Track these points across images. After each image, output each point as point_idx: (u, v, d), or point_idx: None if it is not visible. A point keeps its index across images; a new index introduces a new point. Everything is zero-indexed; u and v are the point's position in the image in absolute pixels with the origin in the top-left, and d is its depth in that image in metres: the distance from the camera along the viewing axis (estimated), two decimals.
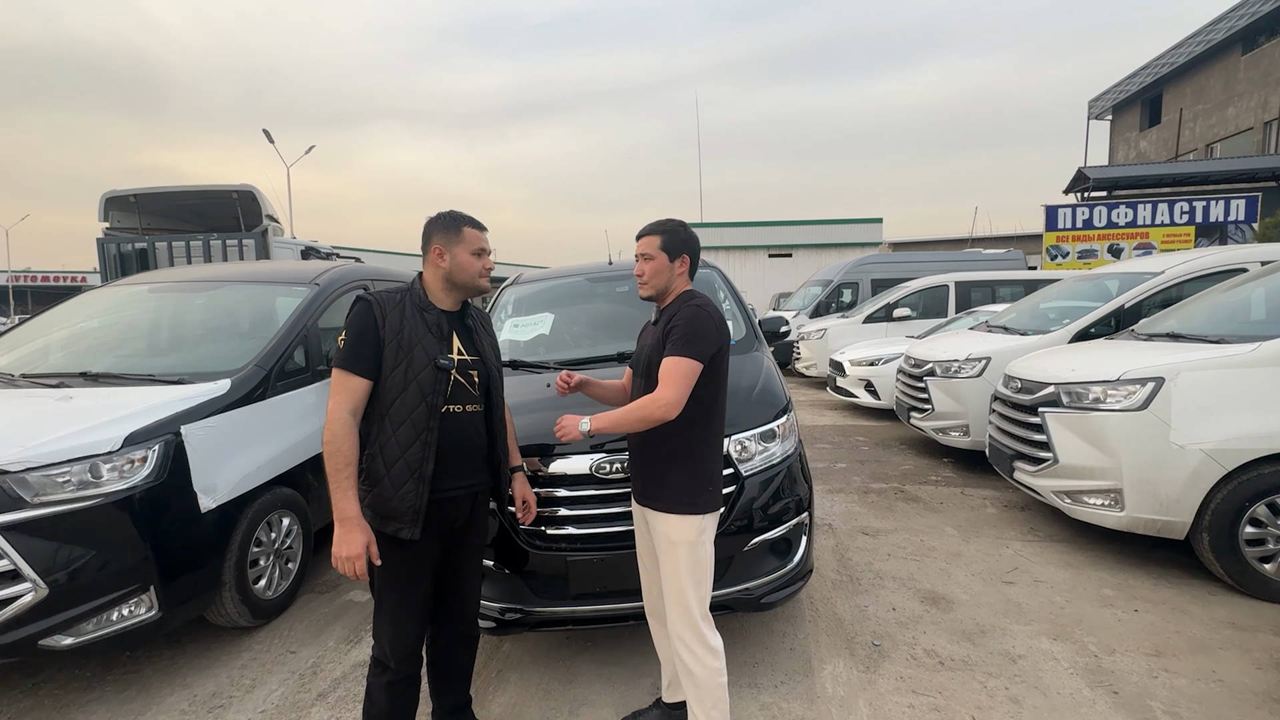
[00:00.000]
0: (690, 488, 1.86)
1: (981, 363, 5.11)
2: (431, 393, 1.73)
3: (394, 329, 1.73)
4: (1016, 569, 3.35)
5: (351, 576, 1.64)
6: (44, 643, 2.23)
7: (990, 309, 7.90)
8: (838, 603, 3.04)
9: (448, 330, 1.83)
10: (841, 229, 24.57)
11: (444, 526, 1.83)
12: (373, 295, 1.78)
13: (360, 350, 1.71)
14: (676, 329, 1.80)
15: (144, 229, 8.56)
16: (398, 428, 1.71)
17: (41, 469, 2.25)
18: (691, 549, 1.85)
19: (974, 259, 13.07)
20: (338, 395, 1.68)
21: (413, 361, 1.72)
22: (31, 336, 3.45)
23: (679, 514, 1.85)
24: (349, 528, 1.63)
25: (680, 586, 1.85)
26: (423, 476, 1.71)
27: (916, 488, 4.83)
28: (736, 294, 3.70)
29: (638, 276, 1.96)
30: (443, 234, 1.82)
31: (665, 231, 1.94)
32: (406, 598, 1.79)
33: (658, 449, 1.87)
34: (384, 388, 1.72)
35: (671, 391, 1.74)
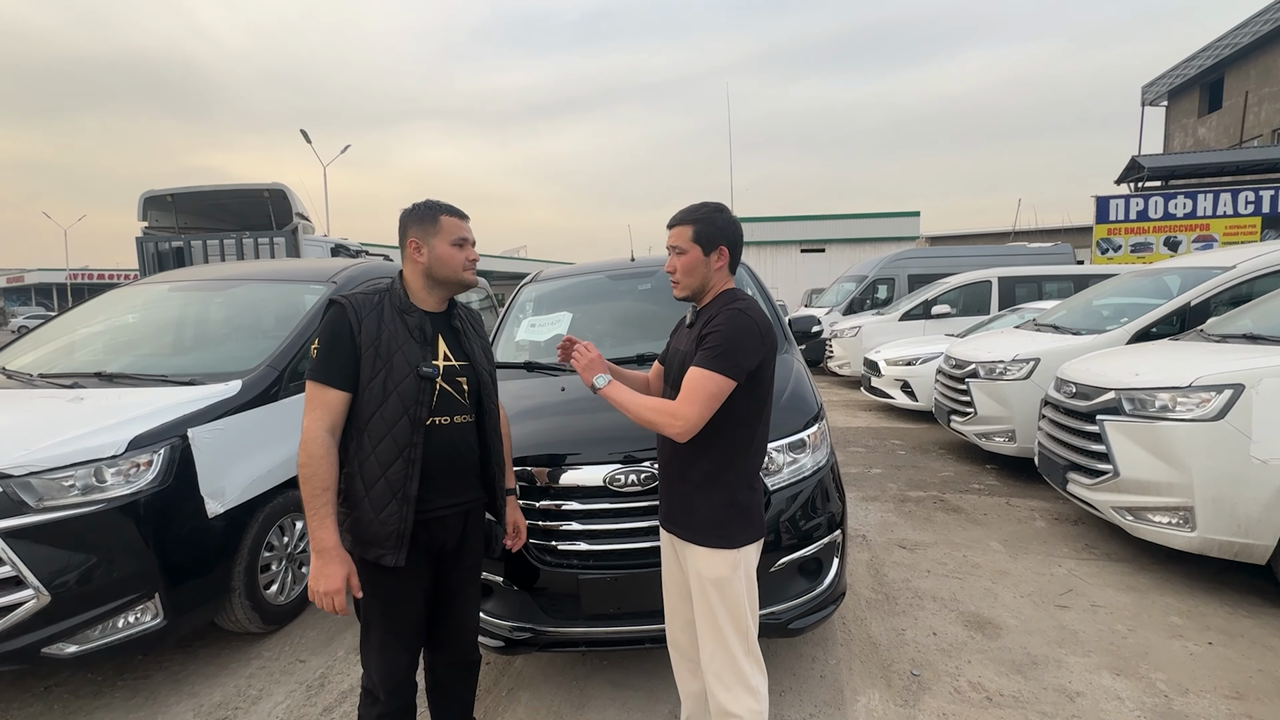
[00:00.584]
0: (721, 518, 1.63)
1: (1029, 364, 4.78)
2: (414, 404, 1.57)
3: (371, 335, 1.57)
4: (1070, 591, 3.08)
5: (331, 611, 1.50)
6: (47, 651, 2.18)
7: (1037, 306, 7.48)
8: (872, 624, 2.83)
9: (432, 333, 1.67)
10: (877, 223, 23.93)
11: (433, 549, 1.68)
12: (347, 298, 1.61)
13: (335, 360, 1.55)
14: (711, 336, 1.56)
15: (180, 228, 8.75)
16: (377, 444, 1.55)
17: (45, 473, 2.20)
18: (725, 586, 1.62)
19: (1018, 253, 12.46)
20: (312, 411, 1.53)
21: (392, 370, 1.56)
22: (55, 335, 3.46)
23: (709, 547, 1.63)
24: (327, 559, 1.48)
25: (715, 624, 1.64)
26: (406, 497, 1.56)
27: (958, 497, 4.55)
28: (765, 292, 3.50)
29: (669, 273, 1.70)
30: (418, 225, 1.66)
31: (698, 220, 1.66)
32: (394, 627, 1.65)
33: (685, 469, 1.66)
34: (362, 400, 1.56)
35: (691, 410, 1.51)
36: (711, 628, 1.66)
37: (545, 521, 2.18)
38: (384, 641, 1.65)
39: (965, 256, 12.18)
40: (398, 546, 1.56)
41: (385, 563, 1.55)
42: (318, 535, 1.49)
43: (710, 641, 1.67)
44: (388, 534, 1.55)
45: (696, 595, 1.68)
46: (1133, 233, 14.00)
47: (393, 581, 1.60)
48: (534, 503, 2.19)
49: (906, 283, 11.88)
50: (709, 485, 1.65)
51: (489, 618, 2.25)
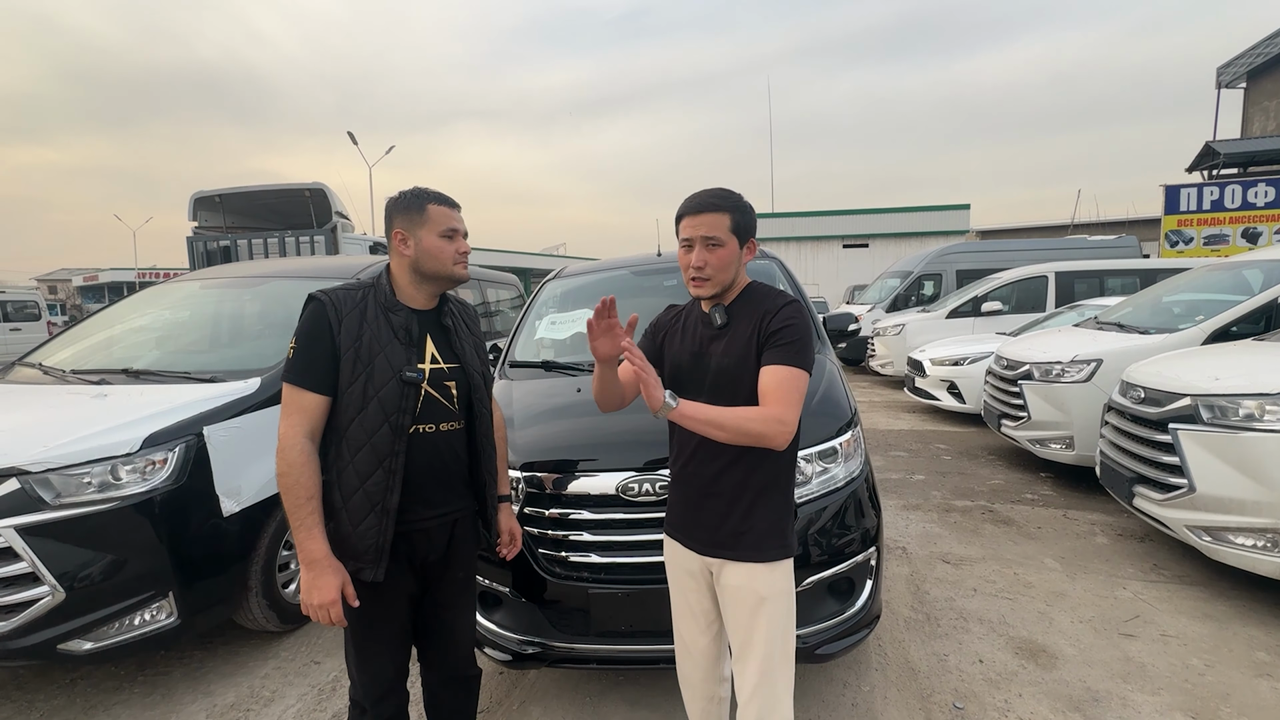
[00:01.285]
0: (781, 526, 1.50)
1: (1090, 365, 4.42)
2: (396, 411, 1.46)
3: (352, 334, 1.46)
4: (1137, 617, 2.79)
5: (327, 624, 1.41)
6: (63, 647, 2.18)
7: (1098, 303, 6.99)
8: (911, 648, 2.61)
9: (419, 334, 1.55)
10: (923, 217, 23.07)
11: (415, 560, 1.57)
12: (327, 294, 1.50)
13: (312, 361, 1.45)
14: (785, 332, 1.42)
15: (227, 227, 9.03)
16: (356, 453, 1.45)
17: (62, 470, 2.20)
18: (789, 600, 1.50)
19: (1077, 247, 11.74)
20: (290, 416, 1.43)
21: (373, 374, 1.45)
22: (92, 332, 3.54)
23: (771, 560, 1.47)
24: (319, 570, 1.40)
25: (766, 652, 1.46)
26: (386, 510, 1.46)
27: (1008, 507, 4.24)
28: (799, 288, 3.30)
29: (697, 269, 1.46)
30: (404, 215, 1.53)
31: (735, 208, 1.47)
32: (376, 640, 1.56)
33: (744, 481, 1.48)
34: (340, 405, 1.46)
35: (792, 412, 1.37)
36: (761, 657, 1.47)
37: (555, 531, 2.06)
38: (366, 653, 1.56)
39: (1019, 251, 11.54)
40: (376, 560, 1.46)
41: (364, 577, 1.46)
42: (306, 546, 1.40)
43: (756, 674, 1.47)
44: (366, 547, 1.45)
45: (745, 622, 1.49)
46: (1206, 224, 13.04)
47: (373, 595, 1.50)
48: (543, 510, 2.08)
49: (954, 278, 11.34)
50: (769, 492, 1.49)
51: (498, 629, 2.15)
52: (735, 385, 1.47)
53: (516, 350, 3.11)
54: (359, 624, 1.54)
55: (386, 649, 1.58)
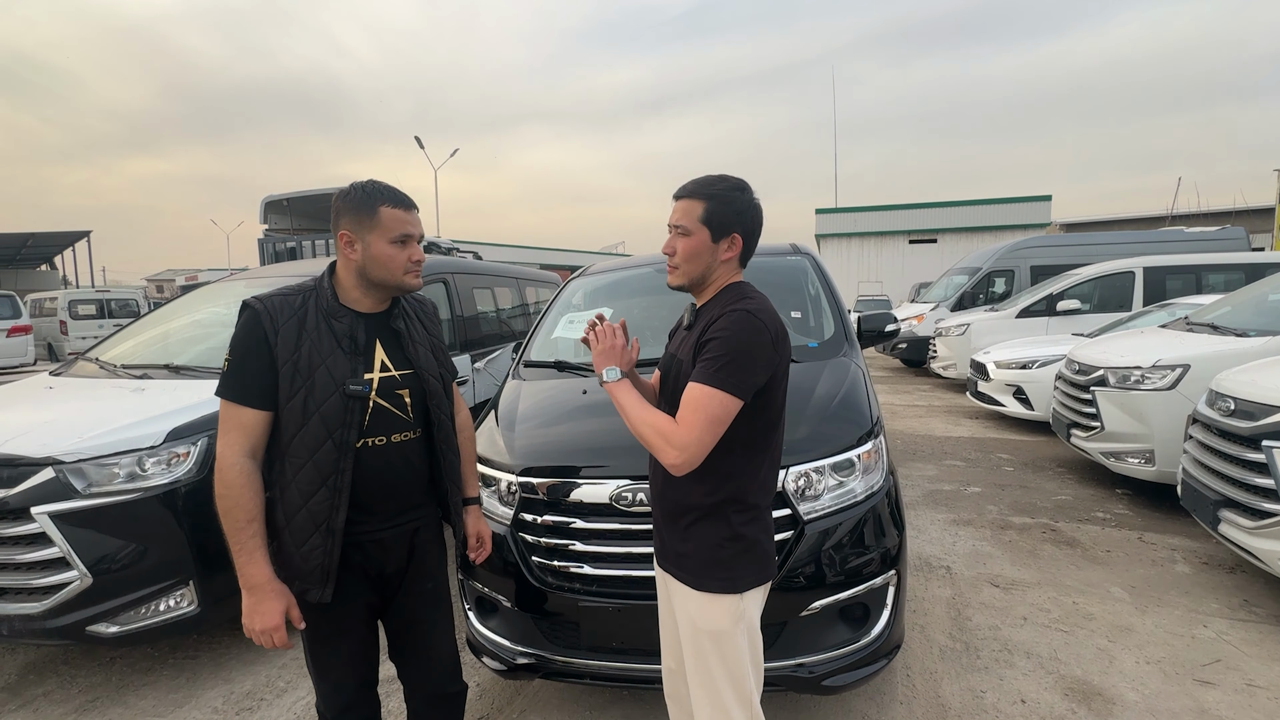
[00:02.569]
0: (723, 556, 1.35)
1: (1175, 371, 3.95)
2: (340, 426, 1.36)
3: (289, 345, 1.36)
4: (1218, 661, 2.44)
5: (270, 647, 1.38)
6: (91, 629, 2.29)
7: (1193, 301, 6.28)
8: (944, 681, 2.38)
9: (366, 340, 1.44)
10: (998, 210, 21.73)
11: (370, 571, 1.49)
12: (261, 301, 1.39)
13: (248, 375, 1.35)
14: (713, 344, 1.28)
15: (294, 229, 9.51)
16: (298, 471, 1.36)
17: (93, 460, 2.32)
18: (722, 641, 1.35)
19: (1173, 239, 10.65)
20: (227, 434, 1.34)
21: (314, 388, 1.35)
22: (150, 328, 3.76)
23: (706, 591, 1.36)
24: (260, 595, 1.33)
25: (710, 681, 1.37)
26: (331, 530, 1.37)
27: (1074, 527, 3.85)
28: (830, 285, 3.09)
29: (666, 255, 1.43)
30: (352, 216, 1.40)
31: (712, 196, 1.37)
32: (334, 655, 1.50)
33: (682, 500, 1.39)
34: (281, 421, 1.37)
35: (690, 435, 1.24)
36: (706, 687, 1.38)
37: (548, 539, 1.98)
38: (324, 669, 1.51)
39: (1104, 244, 10.58)
40: (323, 581, 1.38)
41: (310, 598, 1.40)
42: (247, 571, 1.33)
43: (706, 705, 1.39)
44: (312, 568, 1.38)
45: (688, 647, 1.41)
46: None
47: (324, 613, 1.44)
48: (537, 517, 2.00)
49: (1028, 275, 10.53)
50: (708, 519, 1.37)
51: (494, 636, 2.10)
52: (678, 388, 1.36)
53: (532, 350, 3.06)
54: (313, 643, 1.49)
55: (347, 664, 1.52)
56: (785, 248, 3.46)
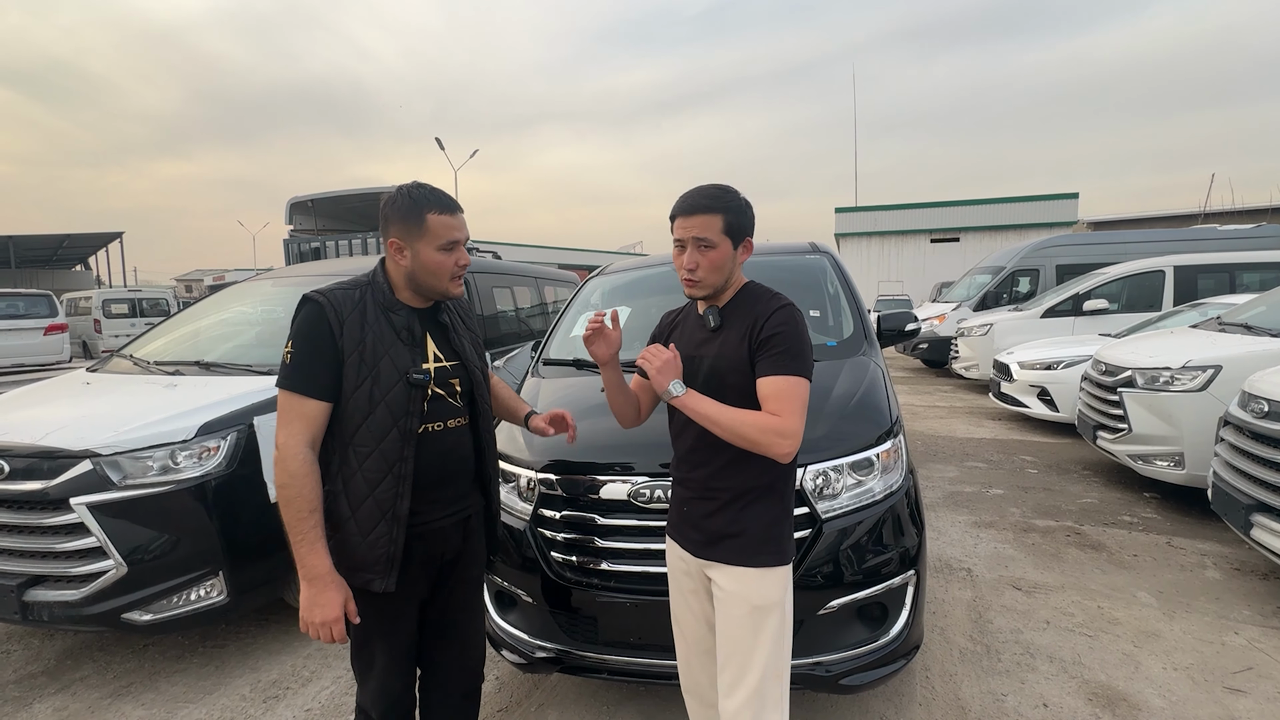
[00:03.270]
0: (776, 532, 1.45)
1: (1206, 372, 3.86)
2: (404, 414, 1.41)
3: (354, 337, 1.40)
4: (1250, 669, 2.38)
5: (328, 641, 1.38)
6: (126, 617, 2.37)
7: (1226, 300, 6.12)
8: (964, 683, 2.35)
9: (420, 333, 1.50)
10: (1022, 208, 21.34)
11: (430, 563, 1.54)
12: (324, 295, 1.42)
13: (313, 366, 1.38)
14: (780, 339, 1.38)
15: (318, 230, 9.71)
16: (364, 460, 1.40)
17: (129, 453, 2.39)
18: (781, 612, 1.43)
19: (1206, 237, 10.36)
20: (289, 424, 1.37)
21: (379, 378, 1.40)
22: (181, 326, 3.86)
23: (762, 566, 1.42)
24: (320, 586, 1.34)
25: (757, 665, 1.40)
26: (396, 517, 1.41)
27: (1100, 531, 3.78)
28: (849, 283, 3.07)
29: (689, 271, 1.45)
30: (400, 224, 1.44)
31: (729, 208, 1.43)
32: (388, 650, 1.51)
33: (734, 484, 1.44)
34: (345, 411, 1.40)
35: (795, 422, 1.34)
36: (743, 668, 1.41)
37: (567, 534, 2.01)
38: (376, 665, 1.51)
39: (1133, 243, 10.33)
40: (387, 571, 1.41)
41: (374, 588, 1.41)
42: (308, 561, 1.34)
43: (741, 692, 1.41)
44: (376, 557, 1.40)
45: (736, 628, 1.43)
46: None
47: (385, 605, 1.45)
48: (556, 513, 2.03)
49: (1054, 274, 10.33)
50: (765, 496, 1.45)
51: (514, 630, 2.13)
52: (724, 388, 1.43)
53: (551, 348, 3.08)
54: (371, 636, 1.49)
55: (398, 662, 1.53)
56: (804, 246, 3.44)
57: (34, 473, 2.38)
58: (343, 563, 1.41)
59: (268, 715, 2.34)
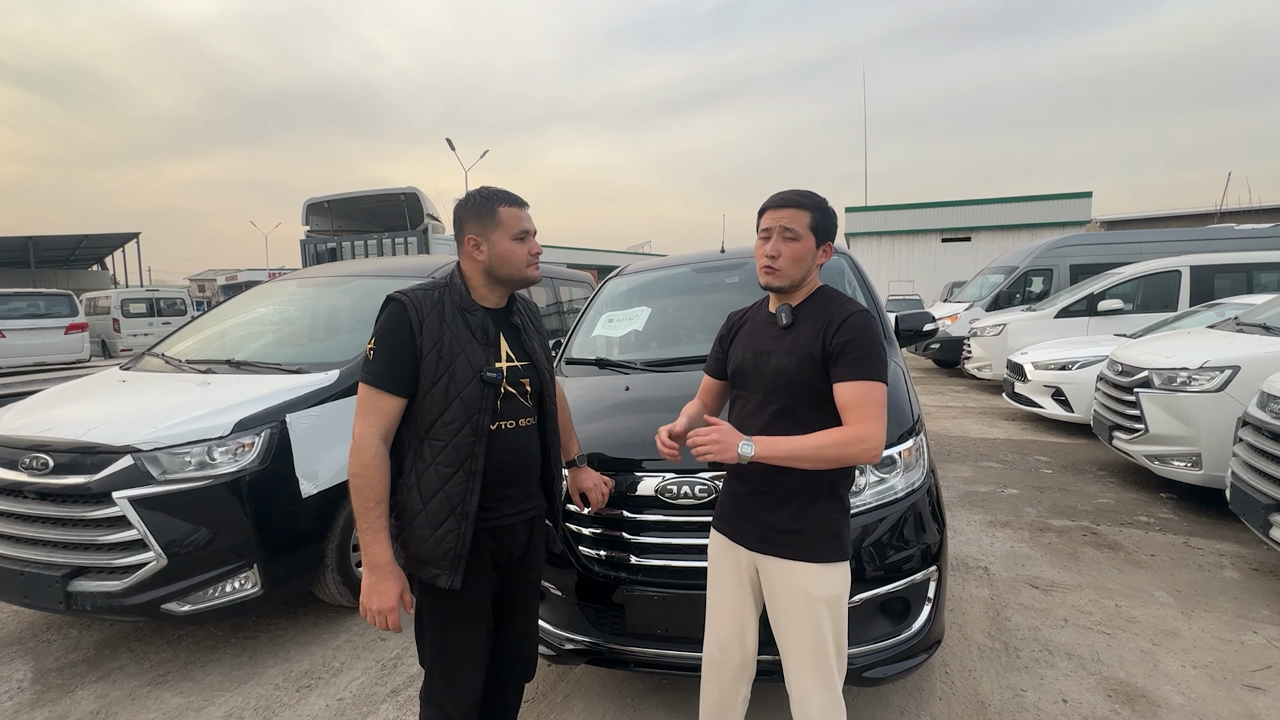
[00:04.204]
0: (837, 528, 1.51)
1: (1224, 373, 3.86)
2: (477, 411, 1.47)
3: (433, 335, 1.46)
4: (1270, 667, 2.40)
5: (383, 629, 1.44)
6: (165, 607, 2.45)
7: (1243, 301, 6.08)
8: (983, 679, 2.39)
9: (494, 333, 1.56)
10: (1035, 207, 21.19)
11: (499, 559, 1.58)
12: (407, 295, 1.49)
13: (394, 362, 1.44)
14: (856, 344, 1.43)
15: (334, 230, 9.83)
16: (438, 454, 1.45)
17: (168, 449, 2.47)
18: (838, 605, 1.50)
19: (1223, 237, 10.27)
20: (366, 417, 1.43)
21: (455, 374, 1.46)
22: (209, 325, 3.95)
23: (824, 561, 1.48)
24: (380, 575, 1.40)
25: (823, 651, 1.48)
26: (465, 513, 1.45)
27: (1117, 530, 3.79)
28: (869, 286, 3.11)
29: (770, 258, 1.51)
30: (475, 220, 1.54)
31: (816, 207, 1.52)
32: (470, 645, 1.54)
33: (796, 482, 1.49)
34: (422, 406, 1.46)
35: (878, 427, 1.39)
36: (816, 658, 1.49)
37: (595, 529, 2.06)
38: (458, 661, 1.53)
39: (1149, 242, 10.25)
40: (454, 567, 1.45)
41: (440, 584, 1.45)
42: (372, 550, 1.41)
43: (812, 676, 1.49)
44: (444, 552, 1.44)
45: (800, 621, 1.49)
46: None
47: (461, 602, 1.49)
48: (584, 508, 2.08)
49: (1068, 274, 10.28)
50: (827, 493, 1.51)
51: (543, 624, 2.18)
52: (792, 386, 1.49)
53: (573, 348, 3.14)
54: (450, 632, 1.52)
55: (478, 654, 1.56)
56: None
57: (77, 467, 2.47)
58: (412, 556, 1.46)
59: (301, 704, 2.41)
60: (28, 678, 2.63)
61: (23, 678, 2.63)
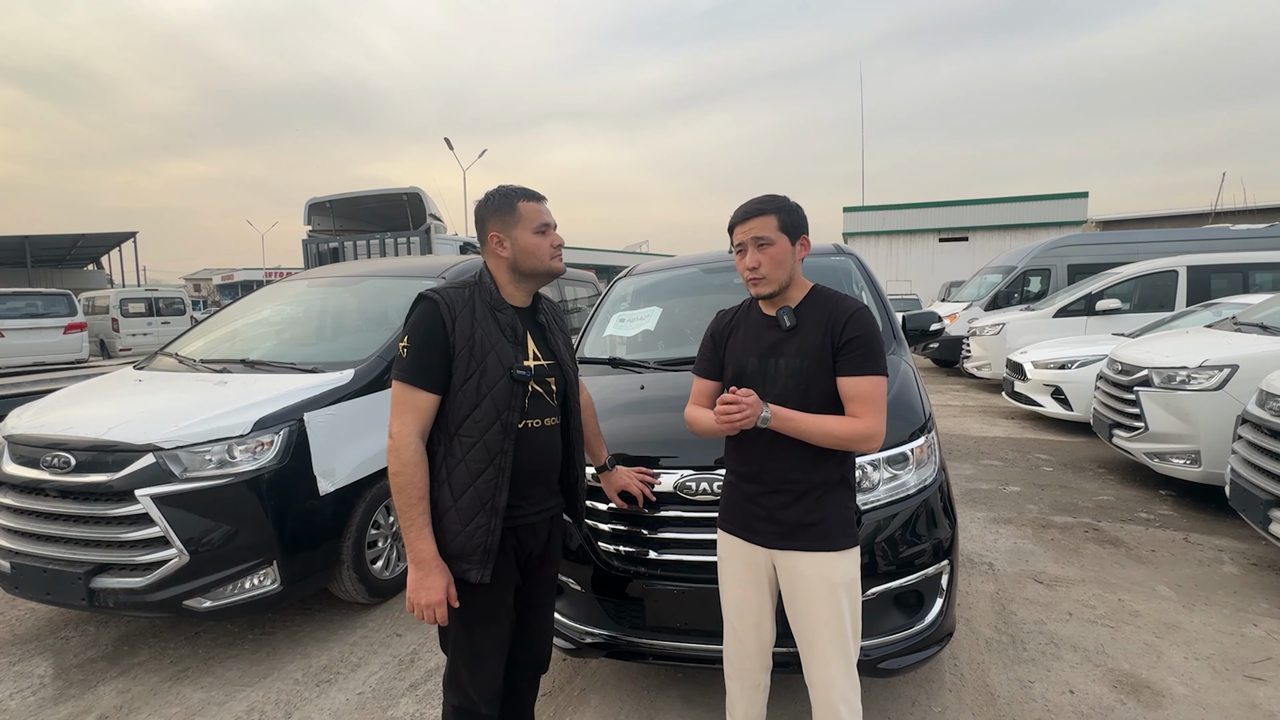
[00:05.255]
0: (848, 515, 1.60)
1: (1223, 371, 3.92)
2: (507, 408, 1.49)
3: (465, 333, 1.49)
4: (1269, 659, 2.46)
5: (431, 623, 1.48)
6: (188, 604, 2.48)
7: (1240, 300, 6.16)
8: (991, 670, 2.44)
9: (522, 332, 1.58)
10: (1031, 207, 21.30)
11: (521, 556, 1.63)
12: (439, 293, 1.51)
13: (427, 360, 1.47)
14: (861, 341, 1.51)
15: (336, 230, 9.84)
16: (468, 450, 1.48)
17: (189, 447, 2.51)
18: (856, 587, 1.59)
19: (1218, 237, 10.36)
20: (403, 415, 1.45)
21: (486, 372, 1.48)
22: (220, 325, 3.98)
23: (842, 549, 1.56)
24: (426, 570, 1.43)
25: (844, 635, 1.56)
26: (495, 508, 1.48)
27: (1118, 527, 3.85)
28: (876, 285, 3.16)
29: (752, 270, 1.56)
30: (497, 217, 1.57)
31: (780, 209, 1.57)
32: (493, 638, 1.58)
33: (813, 477, 1.55)
34: (453, 403, 1.48)
35: (879, 421, 1.49)
36: (838, 642, 1.56)
37: (615, 525, 2.10)
38: (482, 653, 1.57)
39: (1145, 242, 10.35)
40: (483, 561, 1.48)
41: (470, 578, 1.48)
42: (417, 546, 1.44)
43: (836, 661, 1.56)
44: (474, 547, 1.47)
45: (824, 606, 1.55)
46: None
47: (485, 596, 1.53)
48: (604, 504, 2.12)
49: (1065, 274, 10.36)
50: (839, 485, 1.59)
51: (560, 617, 2.22)
52: (807, 385, 1.54)
53: (585, 347, 3.18)
54: (474, 625, 1.55)
55: (497, 652, 1.59)
56: (829, 248, 3.53)
57: (98, 466, 2.50)
58: (441, 551, 1.49)
59: (322, 698, 2.44)
60: (49, 674, 2.66)
61: (44, 674, 2.66)
